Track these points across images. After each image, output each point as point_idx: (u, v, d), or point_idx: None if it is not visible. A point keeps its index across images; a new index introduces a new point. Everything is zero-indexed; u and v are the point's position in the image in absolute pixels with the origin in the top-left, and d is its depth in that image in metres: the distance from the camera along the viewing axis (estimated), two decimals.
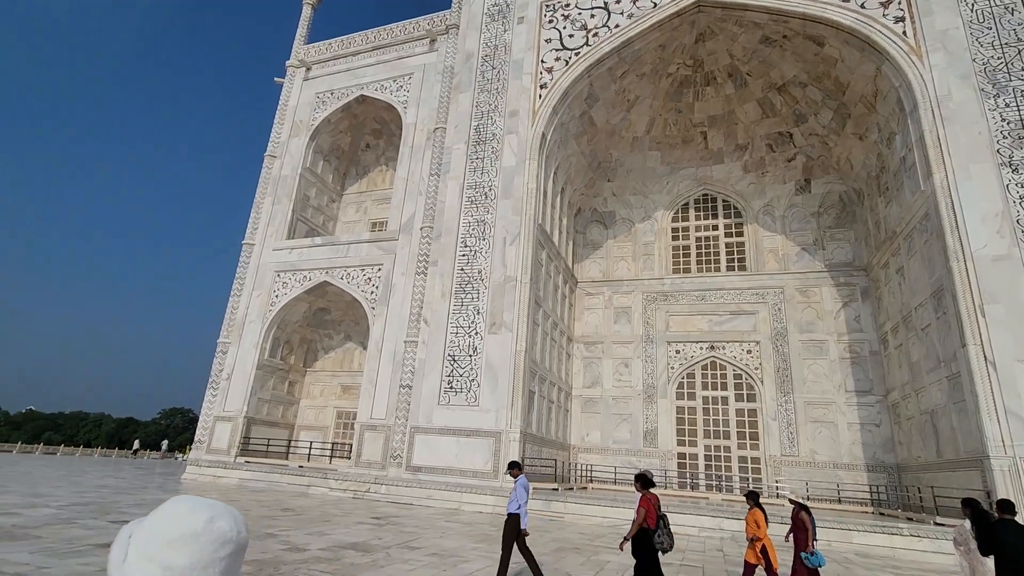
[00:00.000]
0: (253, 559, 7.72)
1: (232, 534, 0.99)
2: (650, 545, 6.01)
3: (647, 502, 6.14)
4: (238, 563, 1.02)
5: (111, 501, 13.50)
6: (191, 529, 0.95)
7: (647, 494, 6.26)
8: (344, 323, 25.42)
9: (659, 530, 6.05)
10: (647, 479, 6.41)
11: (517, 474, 7.45)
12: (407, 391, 18.89)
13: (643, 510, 6.08)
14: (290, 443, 23.62)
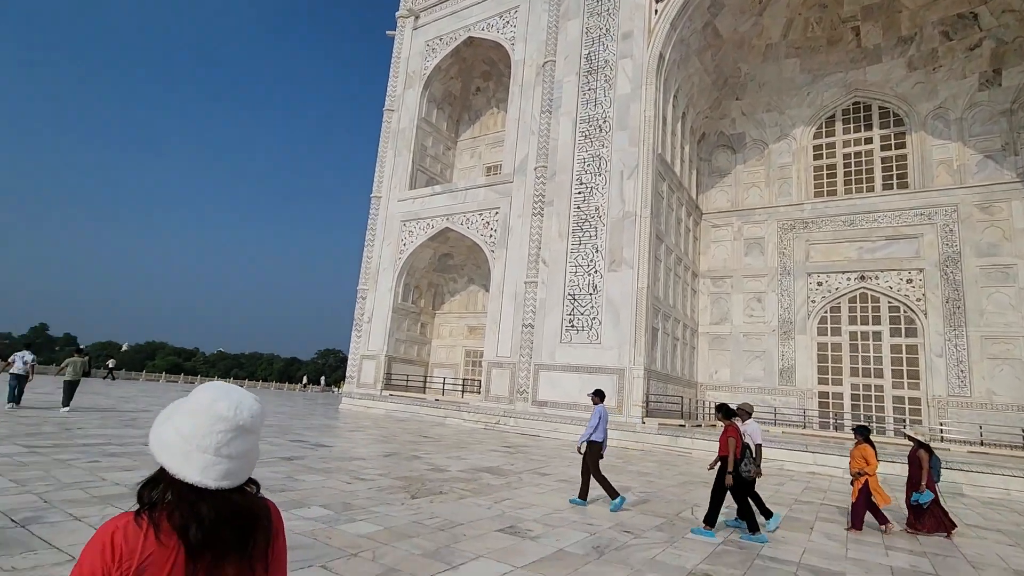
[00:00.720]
0: (403, 475, 8.65)
1: (228, 415, 1.14)
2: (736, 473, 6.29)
3: (734, 431, 6.31)
4: (241, 441, 1.17)
5: (287, 424, 15.83)
6: (199, 405, 1.16)
7: (731, 423, 6.45)
8: (467, 267, 26.50)
9: (745, 459, 6.37)
10: (729, 409, 6.61)
11: (597, 402, 7.76)
12: (529, 330, 19.43)
13: (733, 440, 6.24)
14: (426, 379, 25.72)
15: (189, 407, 1.17)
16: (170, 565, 1.08)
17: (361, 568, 4.35)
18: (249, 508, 1.19)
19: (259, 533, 1.19)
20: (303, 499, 6.55)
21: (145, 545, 1.07)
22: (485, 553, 5.01)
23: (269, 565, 1.21)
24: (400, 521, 5.89)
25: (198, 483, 1.11)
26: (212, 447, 1.13)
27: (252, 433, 1.20)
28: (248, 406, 1.19)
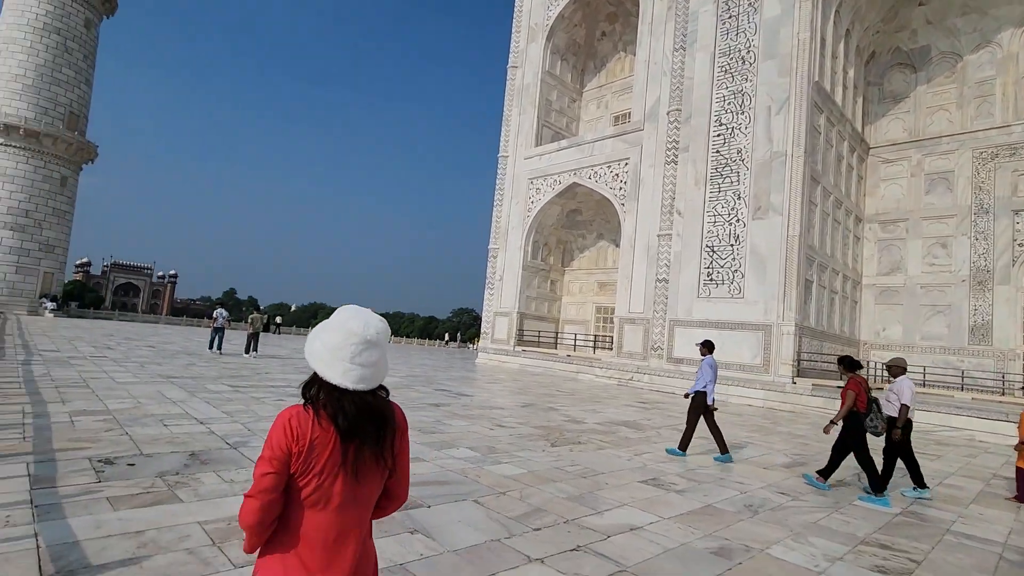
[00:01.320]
0: (540, 425, 8.90)
1: (358, 331, 1.38)
2: (861, 429, 6.04)
3: (856, 385, 6.05)
4: (369, 352, 1.40)
5: (431, 375, 17.12)
6: (337, 323, 1.41)
7: (855, 376, 6.16)
8: (595, 222, 25.99)
9: (871, 413, 6.08)
10: (852, 361, 6.31)
11: (706, 353, 7.66)
12: (663, 284, 18.63)
13: (852, 393, 5.99)
14: (557, 335, 26.08)
15: (331, 325, 1.43)
16: (331, 446, 1.36)
17: (510, 506, 4.55)
18: (380, 408, 1.44)
19: (388, 428, 1.44)
20: (452, 441, 7.02)
21: (313, 429, 1.36)
22: (629, 502, 4.97)
23: (396, 456, 1.46)
24: (542, 466, 6.06)
25: (339, 384, 1.38)
26: (348, 356, 1.38)
27: (378, 347, 1.43)
28: (374, 324, 1.43)
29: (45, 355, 12.96)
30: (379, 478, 1.44)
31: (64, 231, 37.30)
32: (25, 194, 34.51)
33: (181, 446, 5.56)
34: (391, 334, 1.55)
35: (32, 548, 3.07)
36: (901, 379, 6.21)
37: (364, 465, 1.39)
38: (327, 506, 1.36)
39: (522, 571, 3.28)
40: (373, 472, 1.41)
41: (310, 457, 1.34)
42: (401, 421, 1.51)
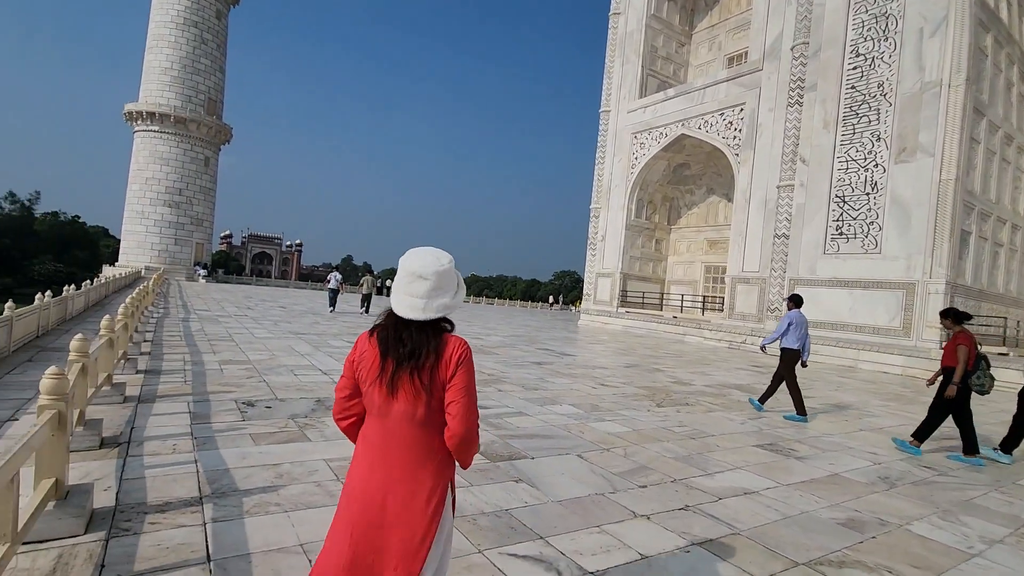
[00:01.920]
0: (645, 386, 8.66)
1: (407, 266, 1.59)
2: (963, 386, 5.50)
3: (967, 339, 5.51)
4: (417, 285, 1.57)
5: (534, 335, 17.34)
6: (402, 260, 1.61)
7: (963, 331, 5.60)
8: (705, 176, 24.31)
9: (978, 371, 5.51)
10: (960, 313, 5.69)
11: (791, 307, 7.22)
12: (783, 241, 17.08)
13: (965, 348, 5.45)
14: (662, 296, 25.13)
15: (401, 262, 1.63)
16: (373, 359, 1.56)
17: (614, 462, 4.47)
18: (421, 333, 1.57)
19: (427, 352, 1.55)
20: (555, 397, 7.05)
21: (366, 345, 1.60)
22: (743, 465, 4.67)
23: (440, 384, 1.54)
24: (647, 425, 5.90)
25: (395, 311, 1.59)
26: (401, 288, 1.59)
27: (425, 280, 1.56)
28: (423, 259, 1.60)
29: (199, 314, 14.89)
30: (414, 398, 1.53)
31: (209, 206, 42.20)
32: (177, 175, 39.38)
33: (308, 393, 6.11)
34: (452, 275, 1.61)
35: (193, 472, 3.53)
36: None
37: (399, 381, 1.53)
38: (373, 413, 1.58)
39: (627, 525, 3.21)
40: (408, 390, 1.53)
41: (360, 367, 1.58)
42: (453, 352, 1.56)
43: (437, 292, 1.58)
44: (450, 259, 1.64)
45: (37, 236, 65.96)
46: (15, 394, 5.27)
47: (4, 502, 2.02)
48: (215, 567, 2.42)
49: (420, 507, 1.51)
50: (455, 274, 1.64)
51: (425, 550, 1.49)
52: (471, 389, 1.56)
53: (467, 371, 1.57)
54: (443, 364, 1.55)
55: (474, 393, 1.57)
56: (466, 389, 1.55)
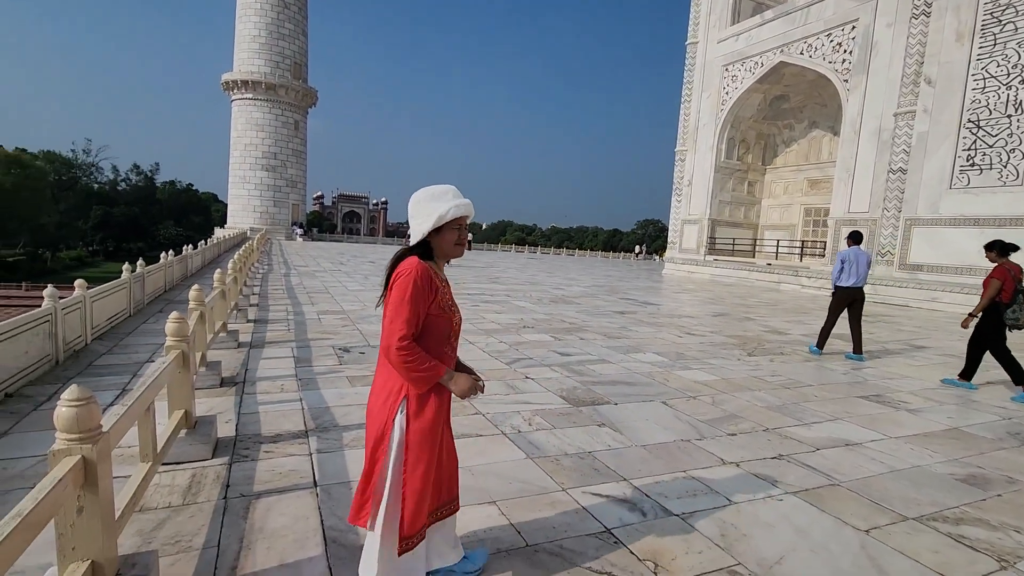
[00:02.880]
0: (735, 334, 8.27)
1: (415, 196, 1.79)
2: (998, 320, 5.36)
3: (1003, 272, 5.34)
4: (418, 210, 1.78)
5: (615, 285, 17.03)
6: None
7: (1005, 263, 5.41)
8: (807, 108, 22.03)
9: (1015, 304, 5.28)
10: (1005, 245, 5.45)
11: (850, 245, 6.93)
12: (899, 176, 15.27)
13: (996, 282, 5.31)
14: (755, 242, 23.60)
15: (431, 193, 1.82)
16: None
17: (700, 409, 4.34)
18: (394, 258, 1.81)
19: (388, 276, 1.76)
20: (638, 346, 6.92)
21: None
22: (844, 416, 4.37)
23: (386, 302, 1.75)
24: (737, 374, 5.65)
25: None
26: None
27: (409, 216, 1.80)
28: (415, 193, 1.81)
29: (298, 269, 16.01)
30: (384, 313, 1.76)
31: (301, 169, 44.60)
32: (272, 139, 41.76)
33: None
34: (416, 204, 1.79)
35: (299, 409, 3.85)
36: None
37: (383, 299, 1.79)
38: None
39: (715, 471, 3.12)
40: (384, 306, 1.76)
41: None
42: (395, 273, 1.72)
43: (412, 220, 1.78)
44: (428, 189, 1.80)
45: (160, 204, 73.51)
46: (151, 339, 5.99)
47: (144, 426, 2.31)
48: (321, 491, 2.65)
49: (378, 407, 1.76)
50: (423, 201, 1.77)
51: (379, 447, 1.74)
52: (396, 306, 1.68)
53: (399, 288, 1.68)
54: (390, 283, 1.75)
55: (401, 310, 1.66)
56: (392, 305, 1.69)
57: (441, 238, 1.77)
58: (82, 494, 1.57)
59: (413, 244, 1.77)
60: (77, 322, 5.26)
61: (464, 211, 1.78)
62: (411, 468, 1.71)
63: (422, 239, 1.76)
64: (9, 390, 3.87)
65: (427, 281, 1.70)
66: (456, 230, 1.79)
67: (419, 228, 1.74)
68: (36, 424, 3.38)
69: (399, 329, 1.65)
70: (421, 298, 1.68)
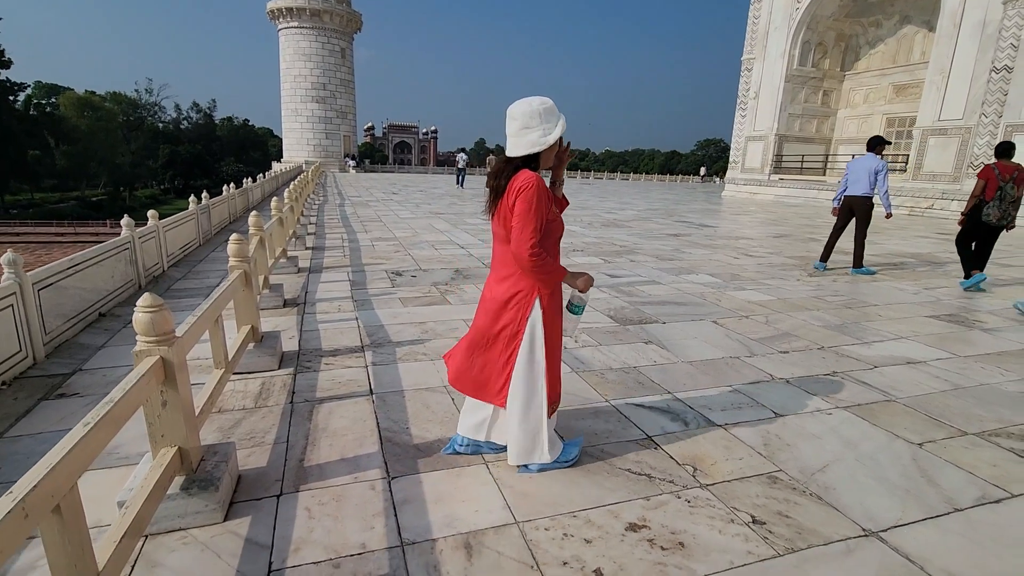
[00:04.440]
0: (796, 255, 7.89)
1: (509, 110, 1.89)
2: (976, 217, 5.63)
3: (987, 171, 5.54)
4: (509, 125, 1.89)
5: (671, 208, 16.43)
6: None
7: (997, 163, 5.54)
8: (898, 1, 19.45)
9: (992, 201, 5.50)
10: (1000, 145, 5.63)
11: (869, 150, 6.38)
12: (1003, 76, 13.47)
13: (981, 181, 5.55)
14: (827, 158, 21.87)
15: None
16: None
17: (753, 328, 4.25)
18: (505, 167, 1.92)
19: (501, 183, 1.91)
20: (691, 267, 6.75)
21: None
22: (909, 335, 4.16)
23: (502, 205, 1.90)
24: (795, 295, 5.44)
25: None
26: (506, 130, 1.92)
27: (514, 120, 1.87)
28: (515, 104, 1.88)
29: (352, 200, 16.35)
30: (498, 222, 1.94)
31: (351, 99, 44.34)
32: (320, 69, 41.45)
33: (448, 264, 6.56)
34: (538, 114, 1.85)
35: (355, 327, 4.07)
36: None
37: (493, 208, 1.95)
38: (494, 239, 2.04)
39: (763, 387, 3.09)
40: (497, 215, 1.94)
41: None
42: (515, 183, 1.85)
43: (524, 131, 1.86)
44: (541, 101, 1.87)
45: (220, 140, 75.89)
46: (220, 266, 6.39)
47: (215, 337, 2.52)
48: (376, 399, 2.84)
49: (499, 305, 2.00)
50: (542, 113, 1.85)
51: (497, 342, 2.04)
52: (524, 216, 1.82)
53: (524, 200, 1.81)
54: (508, 193, 1.87)
55: (530, 220, 1.81)
56: (519, 216, 1.83)
57: (551, 152, 1.93)
58: (164, 389, 1.76)
59: (522, 155, 1.88)
60: (154, 250, 5.66)
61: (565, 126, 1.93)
62: (550, 350, 2.03)
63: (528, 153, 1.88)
64: (102, 309, 4.28)
65: (546, 191, 1.88)
66: (562, 145, 1.97)
67: (541, 139, 1.86)
68: (127, 339, 3.75)
69: (530, 236, 1.82)
70: (544, 207, 1.86)
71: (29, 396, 2.82)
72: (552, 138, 1.86)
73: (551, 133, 1.86)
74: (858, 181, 6.35)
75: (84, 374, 3.14)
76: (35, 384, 2.98)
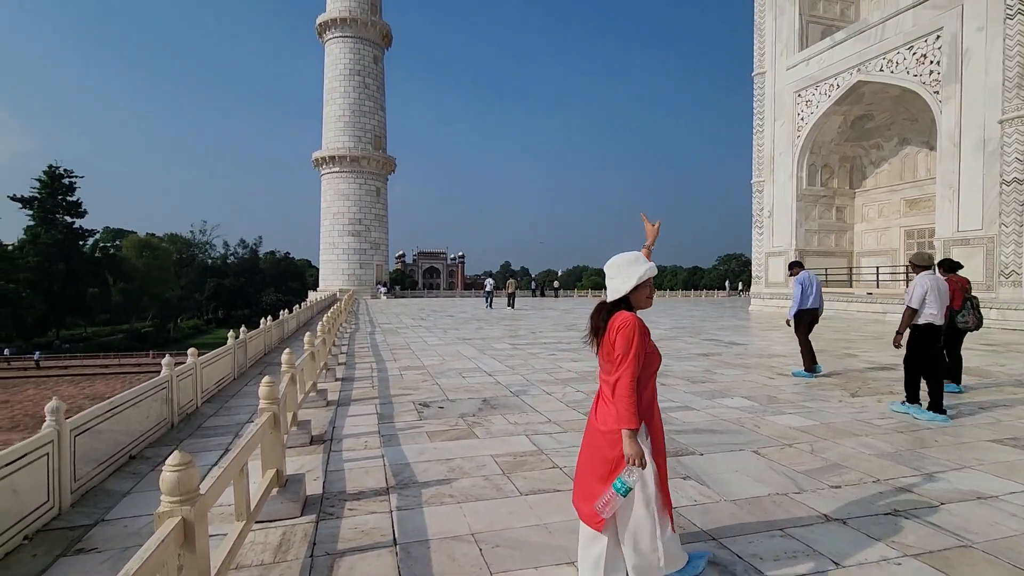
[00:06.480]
0: (835, 372, 7.60)
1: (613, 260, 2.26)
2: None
3: (952, 284, 5.99)
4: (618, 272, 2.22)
5: (699, 326, 16.33)
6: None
7: (952, 277, 6.20)
8: (894, 125, 20.65)
9: (964, 310, 6.13)
10: (951, 263, 6.41)
11: (796, 272, 7.49)
12: (1014, 188, 13.76)
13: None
14: (851, 271, 21.89)
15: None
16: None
17: (798, 459, 3.98)
18: (600, 311, 2.25)
19: (598, 324, 2.21)
20: (725, 390, 6.54)
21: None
22: (974, 464, 3.83)
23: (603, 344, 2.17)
24: (839, 418, 5.16)
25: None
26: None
27: (606, 273, 2.26)
28: (610, 259, 2.27)
29: (382, 327, 16.78)
30: (600, 358, 2.21)
31: (383, 231, 47.44)
32: (356, 207, 45.01)
33: (475, 394, 6.50)
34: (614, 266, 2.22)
35: (381, 466, 3.97)
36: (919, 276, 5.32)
37: (595, 346, 2.22)
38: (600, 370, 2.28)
39: (817, 530, 2.82)
40: (598, 352, 2.22)
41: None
42: (613, 324, 2.12)
43: (611, 280, 2.22)
44: (623, 256, 2.24)
45: (263, 272, 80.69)
46: (251, 401, 6.46)
47: (238, 486, 2.48)
48: (400, 550, 2.68)
49: (608, 430, 2.12)
50: (622, 265, 2.20)
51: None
52: (625, 351, 2.05)
53: (623, 337, 2.06)
54: (608, 332, 2.13)
55: (628, 356, 2.04)
56: (619, 352, 2.06)
57: (638, 294, 2.20)
58: (182, 552, 1.71)
59: (615, 299, 2.20)
60: (190, 387, 5.80)
61: (653, 272, 2.22)
62: (660, 467, 2.20)
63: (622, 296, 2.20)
64: (133, 452, 4.30)
65: (643, 329, 2.12)
66: (647, 287, 2.23)
67: (622, 287, 2.17)
68: (153, 483, 3.71)
69: (631, 372, 2.04)
70: (642, 344, 2.09)
71: (48, 552, 2.76)
72: (629, 285, 2.15)
73: (628, 281, 2.16)
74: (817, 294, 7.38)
75: (106, 525, 3.08)
76: (56, 538, 2.93)
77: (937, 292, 5.20)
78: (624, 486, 2.01)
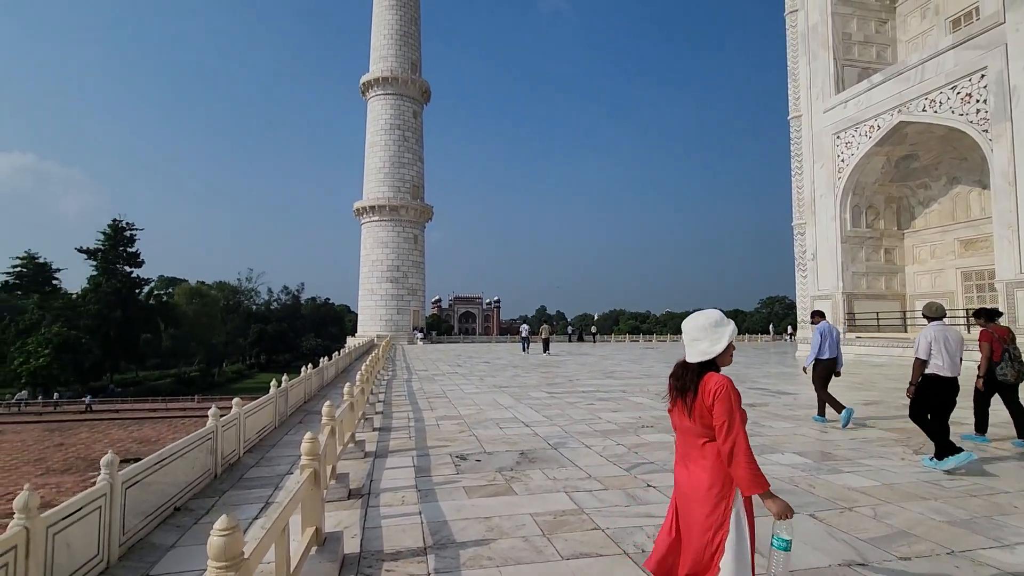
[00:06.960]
0: (895, 428, 7.15)
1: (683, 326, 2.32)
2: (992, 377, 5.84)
3: (988, 336, 5.93)
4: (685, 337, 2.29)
5: (743, 372, 15.74)
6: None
7: (991, 327, 6.01)
8: (942, 164, 20.04)
9: (1003, 362, 5.88)
10: (989, 311, 6.19)
11: (817, 321, 7.63)
12: None
13: (987, 345, 5.90)
14: (904, 314, 20.87)
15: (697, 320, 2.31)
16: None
17: (860, 524, 3.71)
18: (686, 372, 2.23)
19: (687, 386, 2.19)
20: (774, 445, 6.23)
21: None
22: None
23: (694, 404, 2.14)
24: (902, 479, 4.81)
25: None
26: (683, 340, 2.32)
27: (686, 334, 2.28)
28: (687, 320, 2.32)
29: (419, 374, 16.85)
30: (686, 417, 2.18)
31: (420, 278, 48.36)
32: (395, 254, 46.21)
33: (513, 446, 6.39)
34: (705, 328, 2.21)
35: (418, 523, 3.90)
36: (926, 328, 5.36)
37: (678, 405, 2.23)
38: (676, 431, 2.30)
39: None
40: (683, 411, 2.20)
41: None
42: (708, 387, 2.11)
43: (695, 342, 2.21)
44: (707, 316, 2.24)
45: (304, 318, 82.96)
46: (291, 451, 6.52)
47: (280, 547, 2.47)
48: None
49: (703, 493, 2.11)
50: (707, 327, 2.20)
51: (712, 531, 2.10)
52: (730, 416, 2.04)
53: (723, 401, 2.06)
54: (702, 395, 2.12)
55: (735, 420, 2.03)
56: (722, 417, 2.05)
57: (724, 354, 2.21)
58: None
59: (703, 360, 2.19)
60: (233, 437, 5.92)
61: (736, 332, 2.28)
62: (751, 532, 2.16)
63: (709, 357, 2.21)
64: (178, 504, 4.37)
65: (735, 390, 2.12)
66: (732, 346, 2.24)
67: (711, 349, 2.18)
68: (197, 537, 3.75)
69: (740, 434, 2.03)
70: (740, 402, 2.10)
71: None
72: (719, 347, 2.17)
73: (718, 343, 2.17)
74: (835, 345, 7.55)
75: None
76: None
77: (943, 343, 5.21)
78: (783, 542, 2.02)
